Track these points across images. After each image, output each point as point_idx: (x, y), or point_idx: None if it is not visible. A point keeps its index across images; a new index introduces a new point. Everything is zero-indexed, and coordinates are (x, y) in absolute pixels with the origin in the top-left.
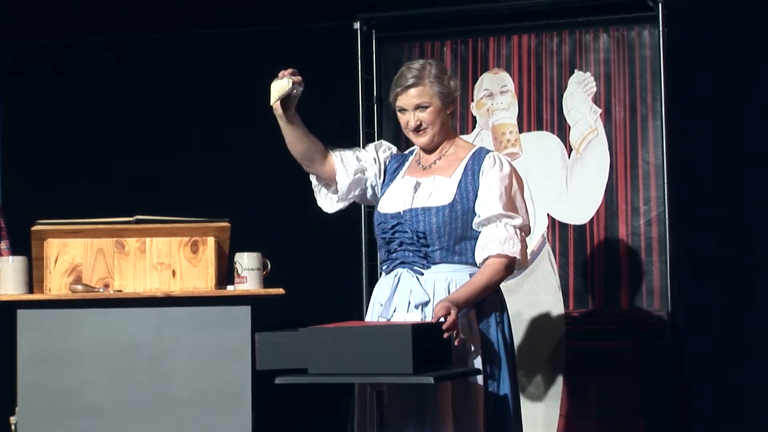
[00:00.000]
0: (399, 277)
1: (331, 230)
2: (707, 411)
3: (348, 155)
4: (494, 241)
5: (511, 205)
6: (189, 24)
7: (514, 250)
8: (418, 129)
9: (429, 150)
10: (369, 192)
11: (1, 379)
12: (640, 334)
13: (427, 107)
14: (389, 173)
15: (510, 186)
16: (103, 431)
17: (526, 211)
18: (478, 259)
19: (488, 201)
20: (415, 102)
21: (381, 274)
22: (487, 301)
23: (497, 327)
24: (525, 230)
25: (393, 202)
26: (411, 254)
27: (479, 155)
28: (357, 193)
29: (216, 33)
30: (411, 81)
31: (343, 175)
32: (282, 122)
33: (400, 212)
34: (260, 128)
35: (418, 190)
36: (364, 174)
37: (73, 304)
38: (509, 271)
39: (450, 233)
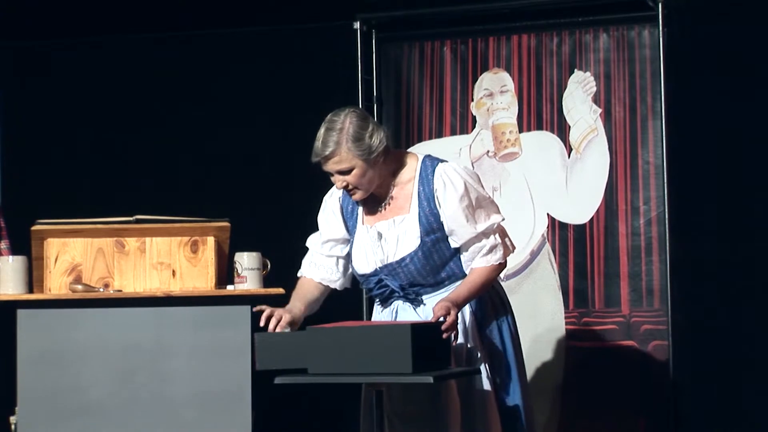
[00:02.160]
0: (396, 310)
1: None
2: (707, 411)
3: (322, 262)
4: (479, 255)
5: (477, 216)
6: (189, 24)
7: (499, 256)
8: (347, 188)
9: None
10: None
11: (1, 379)
12: (640, 334)
13: (350, 170)
14: (348, 216)
15: (469, 201)
16: (103, 431)
17: (491, 202)
18: (467, 271)
19: (458, 230)
20: (335, 168)
21: (376, 303)
22: (488, 306)
23: (501, 331)
24: (500, 228)
25: (365, 259)
26: (401, 296)
27: (426, 177)
28: (349, 268)
29: (216, 33)
30: (327, 152)
31: (339, 277)
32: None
33: (376, 269)
34: (260, 128)
35: (382, 240)
36: (343, 244)
37: (73, 304)
38: (502, 268)
39: (431, 269)
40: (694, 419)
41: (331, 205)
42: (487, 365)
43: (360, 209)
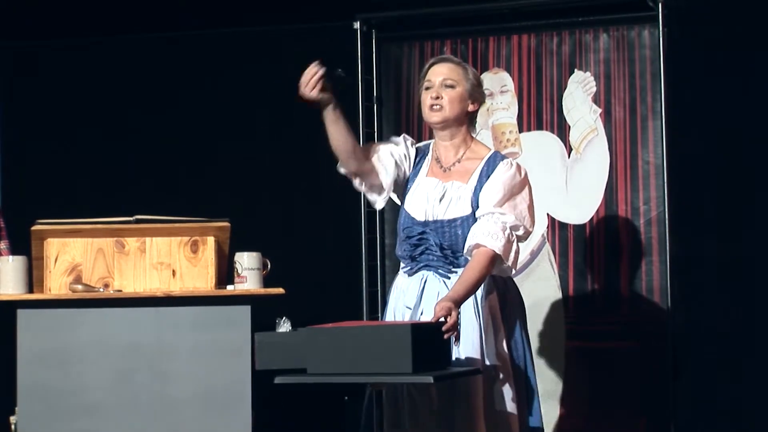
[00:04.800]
0: (425, 281)
1: (331, 230)
2: (707, 411)
3: (384, 154)
4: (480, 232)
5: (507, 201)
6: (189, 24)
7: (497, 245)
8: (436, 101)
9: (444, 138)
10: (401, 184)
11: (1, 379)
12: (640, 334)
13: (452, 86)
14: (414, 166)
15: (512, 187)
16: (103, 431)
17: (529, 217)
18: (465, 248)
19: (487, 197)
20: (443, 76)
21: (399, 274)
22: (510, 300)
23: (521, 327)
24: (517, 231)
25: (419, 204)
26: (436, 259)
27: (494, 161)
28: (394, 187)
29: (216, 33)
30: (449, 58)
31: (385, 176)
32: (328, 113)
33: (427, 221)
34: (260, 128)
35: (443, 197)
36: (400, 170)
37: (73, 304)
38: (494, 265)
39: None
40: (694, 419)
41: (410, 144)
42: (508, 361)
43: (428, 164)
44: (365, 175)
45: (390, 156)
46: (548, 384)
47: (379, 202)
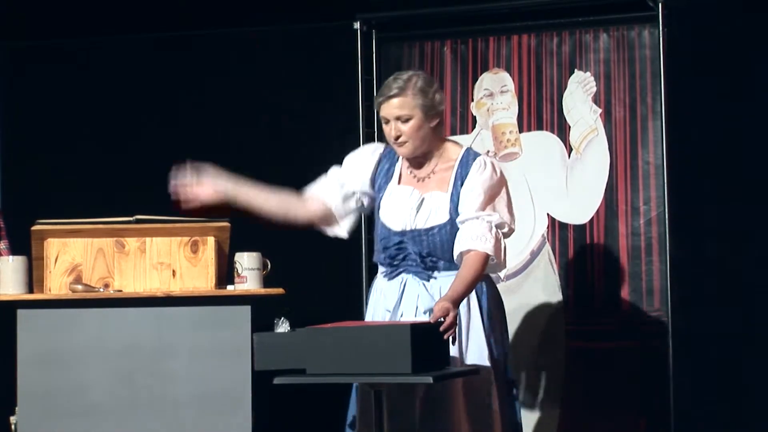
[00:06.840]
0: (405, 283)
1: None
2: (707, 411)
3: (327, 184)
4: (468, 237)
5: (488, 203)
6: (189, 24)
7: (487, 246)
8: (398, 139)
9: (415, 159)
10: (366, 203)
11: (1, 379)
12: (640, 334)
13: (407, 120)
14: (380, 172)
15: (491, 188)
16: (103, 431)
17: (509, 212)
18: (455, 254)
19: (468, 201)
20: (395, 113)
21: (378, 276)
22: (493, 300)
23: (502, 325)
24: (502, 228)
25: (395, 214)
26: (415, 265)
27: (466, 162)
28: (353, 206)
29: (216, 33)
30: (394, 92)
31: (333, 198)
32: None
33: (404, 230)
34: (260, 128)
35: (420, 206)
36: (350, 191)
37: (73, 304)
38: (486, 265)
39: (452, 247)
40: (694, 419)
41: (369, 153)
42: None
43: (398, 171)
44: (318, 218)
45: (338, 188)
46: (548, 384)
47: (340, 232)
